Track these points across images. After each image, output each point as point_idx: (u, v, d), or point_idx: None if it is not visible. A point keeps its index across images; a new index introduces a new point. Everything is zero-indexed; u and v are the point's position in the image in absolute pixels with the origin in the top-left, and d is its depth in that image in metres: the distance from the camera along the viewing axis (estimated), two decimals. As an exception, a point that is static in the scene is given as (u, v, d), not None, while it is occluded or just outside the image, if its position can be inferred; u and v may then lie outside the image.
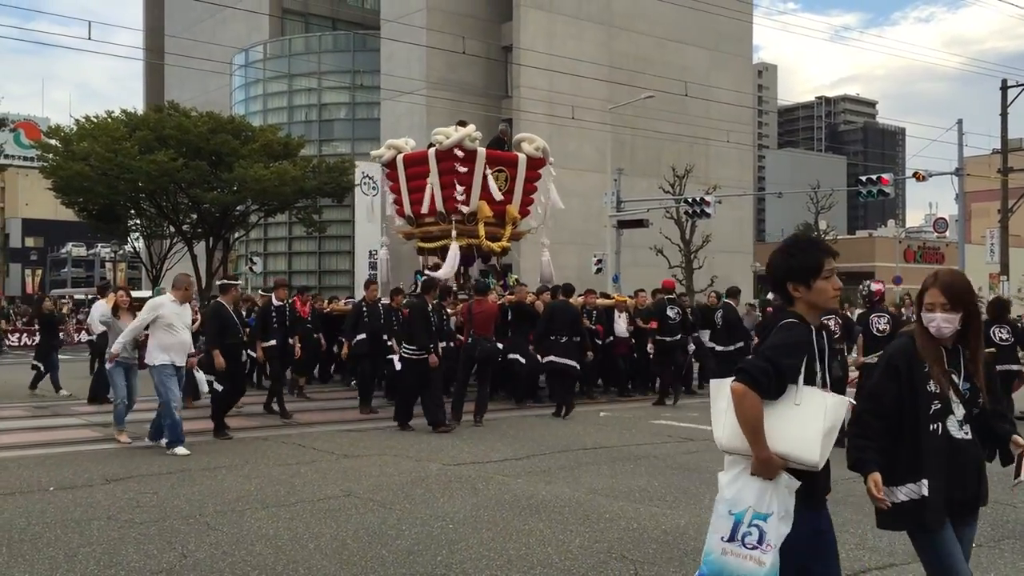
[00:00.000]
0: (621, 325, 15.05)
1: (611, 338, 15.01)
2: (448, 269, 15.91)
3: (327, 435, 10.56)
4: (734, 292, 15.69)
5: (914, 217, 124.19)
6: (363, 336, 13.23)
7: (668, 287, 15.41)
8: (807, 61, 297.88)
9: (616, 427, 11.50)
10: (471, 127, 16.33)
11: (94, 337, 14.98)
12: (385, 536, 5.98)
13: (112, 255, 60.95)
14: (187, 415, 10.35)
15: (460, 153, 15.75)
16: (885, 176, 30.11)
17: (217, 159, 34.18)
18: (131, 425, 10.21)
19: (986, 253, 36.46)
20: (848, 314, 12.82)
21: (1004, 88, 32.39)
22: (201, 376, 10.13)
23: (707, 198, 30.74)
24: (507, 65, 42.21)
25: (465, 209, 15.92)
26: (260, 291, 18.80)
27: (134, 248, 46.43)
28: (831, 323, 9.61)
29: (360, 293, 16.20)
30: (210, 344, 10.51)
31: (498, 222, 16.59)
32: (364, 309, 13.46)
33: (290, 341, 12.70)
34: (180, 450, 9.14)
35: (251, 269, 41.70)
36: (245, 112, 46.82)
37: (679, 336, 14.30)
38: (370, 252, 42.63)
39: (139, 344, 9.95)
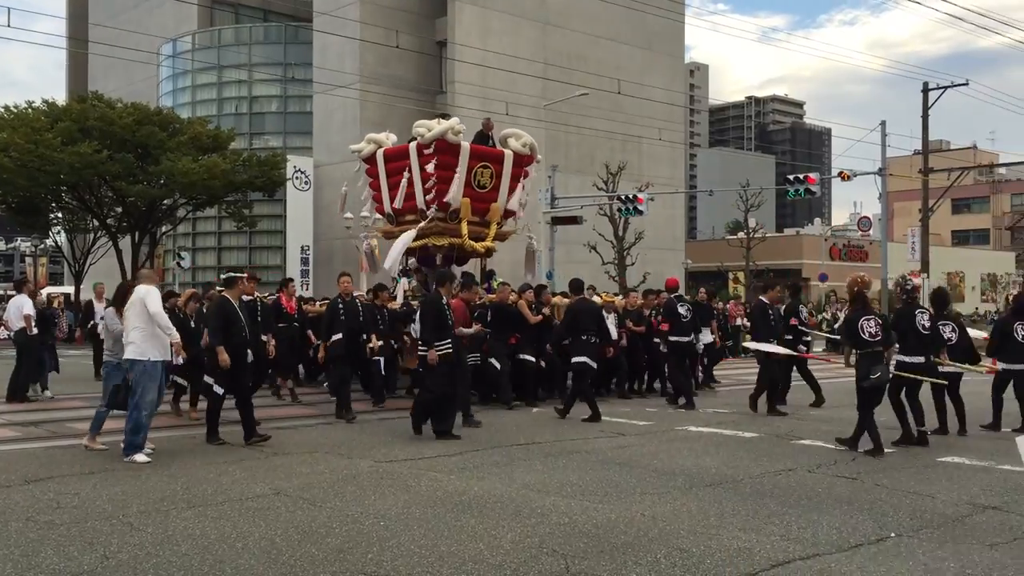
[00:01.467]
0: (610, 325, 14.09)
1: (595, 340, 14.05)
2: (390, 260, 15.37)
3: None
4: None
5: (840, 216, 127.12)
6: (339, 336, 12.11)
7: (673, 286, 14.48)
8: (737, 61, 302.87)
9: (550, 423, 11.55)
10: (455, 120, 15.57)
11: (11, 334, 14.50)
12: (315, 534, 5.91)
13: (33, 249, 59.07)
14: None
15: (442, 147, 15.00)
16: (812, 175, 30.80)
17: (143, 151, 33.36)
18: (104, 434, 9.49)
19: (907, 251, 37.54)
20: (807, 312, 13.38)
21: (925, 91, 33.37)
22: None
23: (640, 195, 31.06)
24: (441, 60, 42.06)
25: (441, 206, 15.18)
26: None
27: (56, 242, 45.12)
28: (870, 324, 9.24)
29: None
30: (214, 341, 9.61)
31: (482, 221, 15.90)
32: (340, 306, 12.28)
33: (263, 339, 11.83)
34: (139, 457, 8.47)
35: (179, 264, 40.81)
36: (173, 104, 45.80)
37: (691, 336, 13.78)
38: (302, 248, 42.17)
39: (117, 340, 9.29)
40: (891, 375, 9.48)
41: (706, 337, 15.37)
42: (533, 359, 13.34)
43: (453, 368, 10.19)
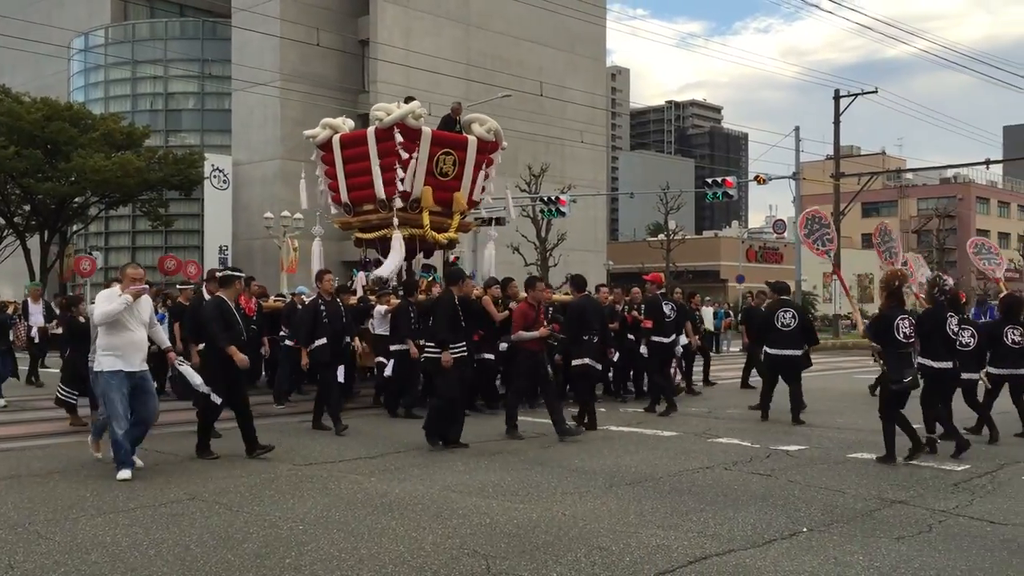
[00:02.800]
0: None
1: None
2: (393, 263, 14.47)
3: (171, 437, 10.12)
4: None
5: (756, 218, 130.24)
6: (324, 341, 10.86)
7: (658, 282, 13.68)
8: (656, 66, 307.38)
9: (471, 423, 11.51)
10: (415, 103, 14.66)
11: None
12: (231, 540, 5.80)
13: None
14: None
15: (401, 132, 14.32)
16: (729, 179, 31.49)
17: (53, 148, 32.34)
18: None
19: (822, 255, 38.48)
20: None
21: (837, 98, 34.35)
22: (188, 370, 8.61)
23: (562, 197, 31.30)
24: (363, 59, 41.75)
25: (406, 196, 14.53)
26: (180, 286, 16.83)
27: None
28: (905, 324, 8.68)
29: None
30: (221, 342, 8.74)
31: (444, 211, 15.17)
32: (322, 307, 11.10)
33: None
34: (124, 473, 7.70)
35: (91, 264, 39.61)
36: (85, 99, 44.49)
37: (674, 336, 13.25)
38: (220, 248, 41.39)
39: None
40: (920, 380, 8.85)
41: (683, 339, 14.45)
42: (493, 357, 12.47)
43: (464, 372, 9.69)
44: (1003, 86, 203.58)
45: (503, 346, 12.39)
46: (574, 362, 11.10)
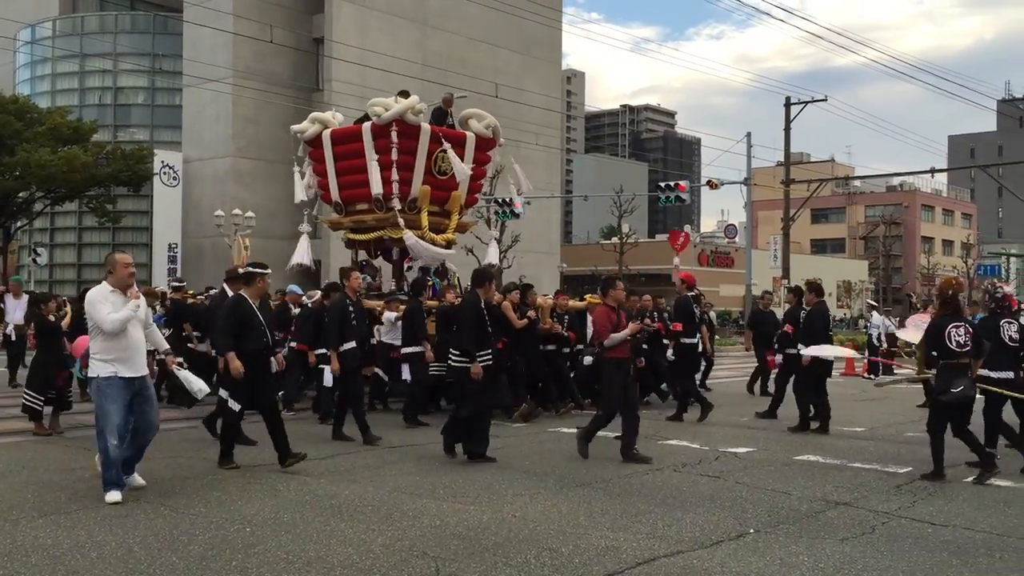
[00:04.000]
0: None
1: (580, 346, 13.00)
2: (430, 256, 13.99)
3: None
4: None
5: (708, 223, 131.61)
6: (352, 344, 10.09)
7: (690, 282, 12.98)
8: (610, 70, 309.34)
9: (421, 426, 11.48)
10: (414, 98, 13.93)
11: None
12: (176, 542, 5.71)
13: None
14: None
15: (399, 129, 13.63)
16: (682, 183, 31.78)
17: (-3, 141, 31.67)
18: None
19: (770, 258, 39.09)
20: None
21: (788, 105, 34.85)
22: (187, 375, 7.75)
23: (516, 199, 31.31)
24: (318, 57, 41.41)
25: (404, 195, 13.83)
26: (174, 283, 15.77)
27: None
28: (960, 332, 8.24)
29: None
30: (221, 347, 8.09)
31: (441, 211, 14.53)
32: (350, 308, 10.19)
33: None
34: (113, 495, 6.71)
35: (35, 261, 38.81)
36: (31, 92, 43.60)
37: (698, 339, 12.79)
38: (169, 245, 40.78)
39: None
40: (976, 391, 8.37)
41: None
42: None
43: (492, 381, 8.96)
44: (948, 96, 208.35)
45: (587, 360, 12.05)
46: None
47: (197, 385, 7.71)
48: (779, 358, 12.75)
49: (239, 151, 40.48)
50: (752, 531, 6.25)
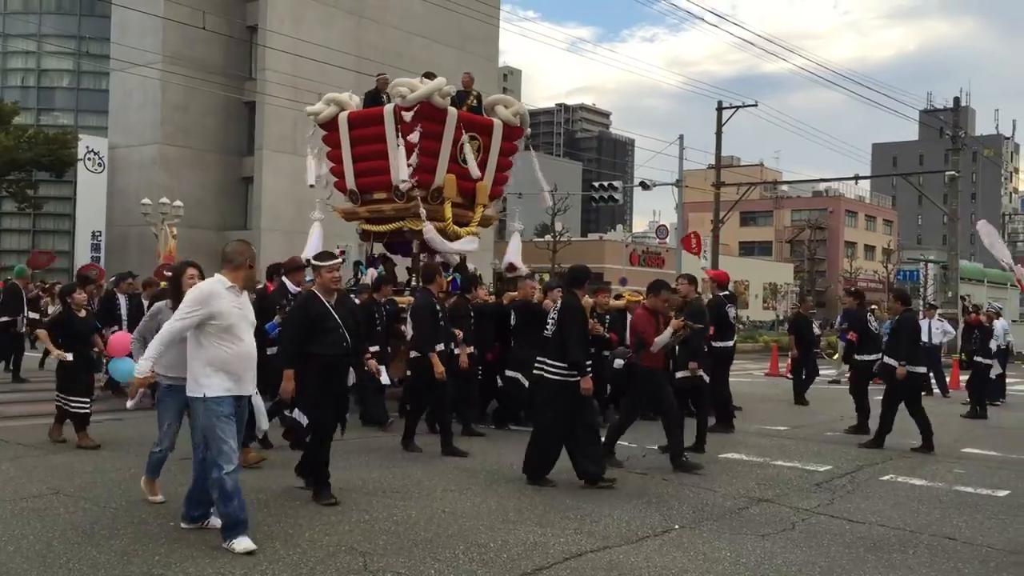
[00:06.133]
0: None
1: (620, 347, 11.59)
2: (448, 252, 13.09)
3: (36, 429, 9.65)
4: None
5: (640, 223, 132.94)
6: (442, 346, 9.26)
7: (722, 281, 12.14)
8: (546, 69, 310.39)
9: (355, 422, 11.37)
10: (441, 79, 12.87)
11: None
12: (97, 536, 5.59)
13: None
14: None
15: (425, 112, 12.61)
16: (616, 184, 32.06)
17: (-89, 121, 30.51)
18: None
19: (700, 259, 39.70)
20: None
21: (719, 109, 35.44)
22: (261, 404, 5.97)
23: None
24: (251, 45, 40.73)
25: (426, 185, 12.83)
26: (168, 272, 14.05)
27: None
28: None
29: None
30: (289, 361, 6.74)
31: (466, 203, 13.49)
32: (438, 308, 9.35)
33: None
34: (241, 543, 5.38)
35: (-51, 246, 37.53)
36: (-52, 71, 42.05)
37: (734, 342, 12.00)
38: (93, 233, 39.74)
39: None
40: None
41: None
42: (526, 382, 10.36)
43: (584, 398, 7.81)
44: (872, 105, 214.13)
45: (618, 363, 10.82)
46: (678, 375, 9.70)
47: (264, 424, 6.35)
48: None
49: (167, 138, 39.62)
50: (677, 527, 6.37)
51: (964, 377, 16.51)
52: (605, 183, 32.01)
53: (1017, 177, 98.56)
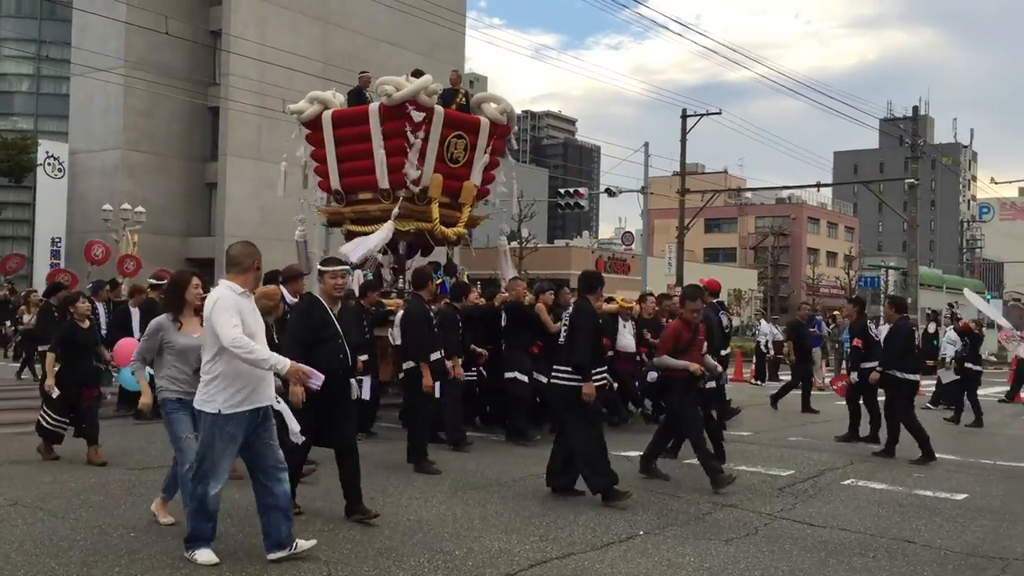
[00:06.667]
0: (627, 336, 12.19)
1: (610, 353, 11.51)
2: (368, 245, 12.51)
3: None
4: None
5: (606, 230, 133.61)
6: (439, 354, 9.13)
7: (714, 289, 12.01)
8: (511, 76, 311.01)
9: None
10: (428, 77, 12.71)
11: None
12: (56, 548, 5.51)
13: None
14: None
15: (413, 110, 12.40)
16: (582, 190, 32.22)
17: None
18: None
19: (665, 265, 39.99)
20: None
21: (684, 117, 35.68)
22: (288, 409, 5.88)
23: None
24: (215, 51, 40.41)
25: (414, 184, 12.54)
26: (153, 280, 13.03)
27: None
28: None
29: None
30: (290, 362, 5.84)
31: (453, 202, 13.31)
32: (432, 315, 9.15)
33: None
34: (203, 554, 5.28)
35: (-96, 253, 36.82)
36: (-97, 74, 41.28)
37: (728, 350, 11.91)
38: (52, 240, 39.16)
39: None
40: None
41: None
42: (526, 379, 10.51)
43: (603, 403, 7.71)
44: (834, 113, 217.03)
45: (652, 376, 10.42)
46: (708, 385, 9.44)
47: (296, 426, 5.92)
48: (854, 376, 11.71)
49: (130, 144, 39.17)
50: (642, 533, 6.40)
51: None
52: (571, 190, 32.09)
53: (975, 184, 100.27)
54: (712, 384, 9.18)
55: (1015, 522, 7.20)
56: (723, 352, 11.36)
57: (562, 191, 32.55)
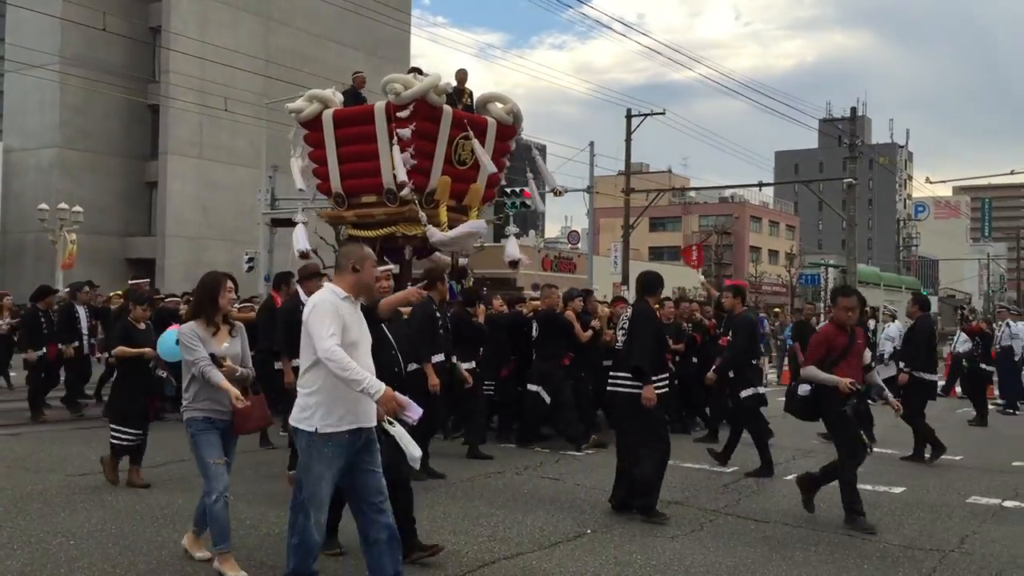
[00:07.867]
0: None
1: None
2: (464, 239, 12.23)
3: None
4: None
5: (552, 229, 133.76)
6: (441, 357, 8.73)
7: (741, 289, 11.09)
8: (455, 74, 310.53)
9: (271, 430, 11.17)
10: (436, 74, 12.26)
11: None
12: (-8, 558, 5.37)
13: None
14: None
15: (421, 110, 11.88)
16: (527, 190, 32.16)
17: None
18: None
19: (611, 264, 40.27)
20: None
21: (629, 117, 35.98)
22: (403, 433, 4.82)
23: (527, 188, 30.82)
24: (155, 48, 39.66)
25: (420, 187, 12.08)
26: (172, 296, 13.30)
27: None
28: None
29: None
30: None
31: (459, 206, 12.86)
32: (438, 317, 8.86)
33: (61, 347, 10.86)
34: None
35: None
36: None
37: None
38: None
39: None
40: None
41: None
42: (548, 397, 10.16)
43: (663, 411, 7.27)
44: (774, 114, 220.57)
45: (804, 389, 7.62)
46: (743, 394, 9.25)
47: (416, 451, 4.86)
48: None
49: (66, 142, 38.25)
50: (589, 531, 6.44)
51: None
52: (517, 189, 32.08)
53: (911, 184, 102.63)
54: (883, 402, 7.90)
55: (951, 515, 7.40)
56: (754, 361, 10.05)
57: (508, 190, 32.51)
